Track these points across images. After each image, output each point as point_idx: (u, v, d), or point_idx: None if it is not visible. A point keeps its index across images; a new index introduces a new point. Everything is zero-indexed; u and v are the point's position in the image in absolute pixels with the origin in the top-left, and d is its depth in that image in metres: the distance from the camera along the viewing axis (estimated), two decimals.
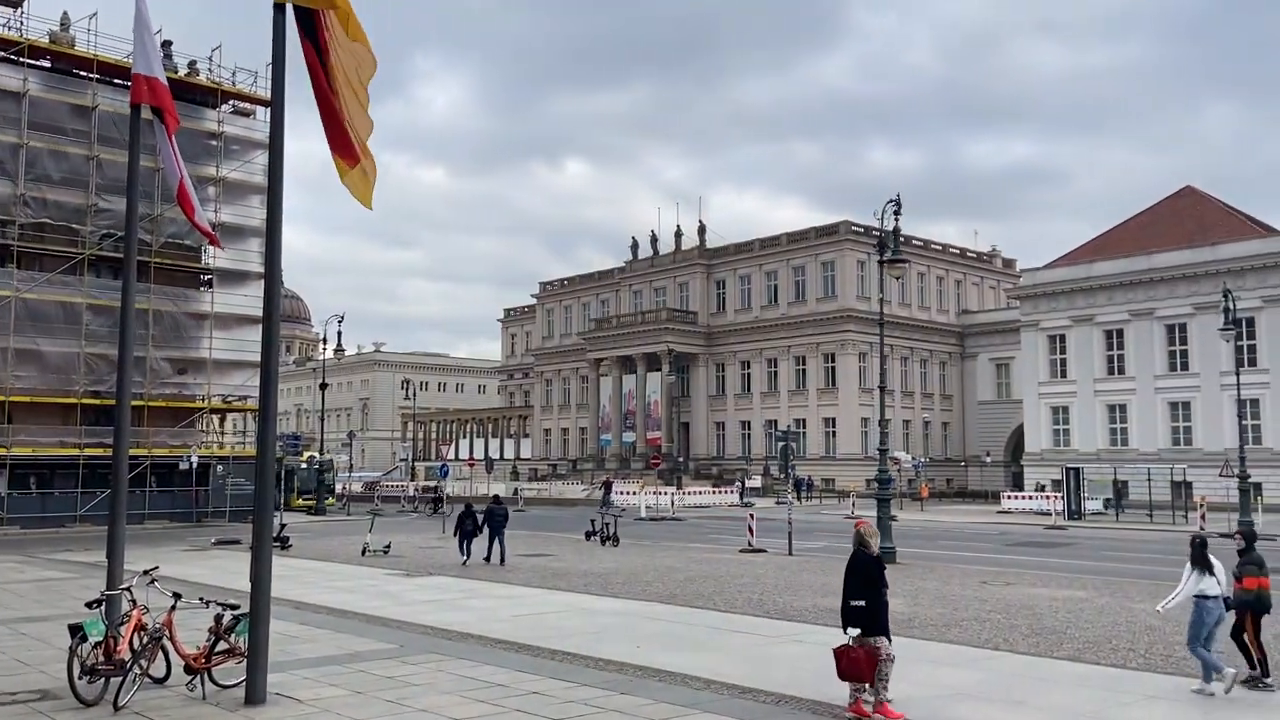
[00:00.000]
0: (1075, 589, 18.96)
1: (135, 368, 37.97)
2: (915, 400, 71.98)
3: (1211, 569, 9.98)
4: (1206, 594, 9.88)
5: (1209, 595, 9.88)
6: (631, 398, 79.18)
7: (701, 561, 24.17)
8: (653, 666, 11.03)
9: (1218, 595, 9.88)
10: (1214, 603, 9.87)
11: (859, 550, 9.27)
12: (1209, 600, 9.88)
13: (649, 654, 11.81)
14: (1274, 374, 49.30)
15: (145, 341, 38.91)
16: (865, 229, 69.83)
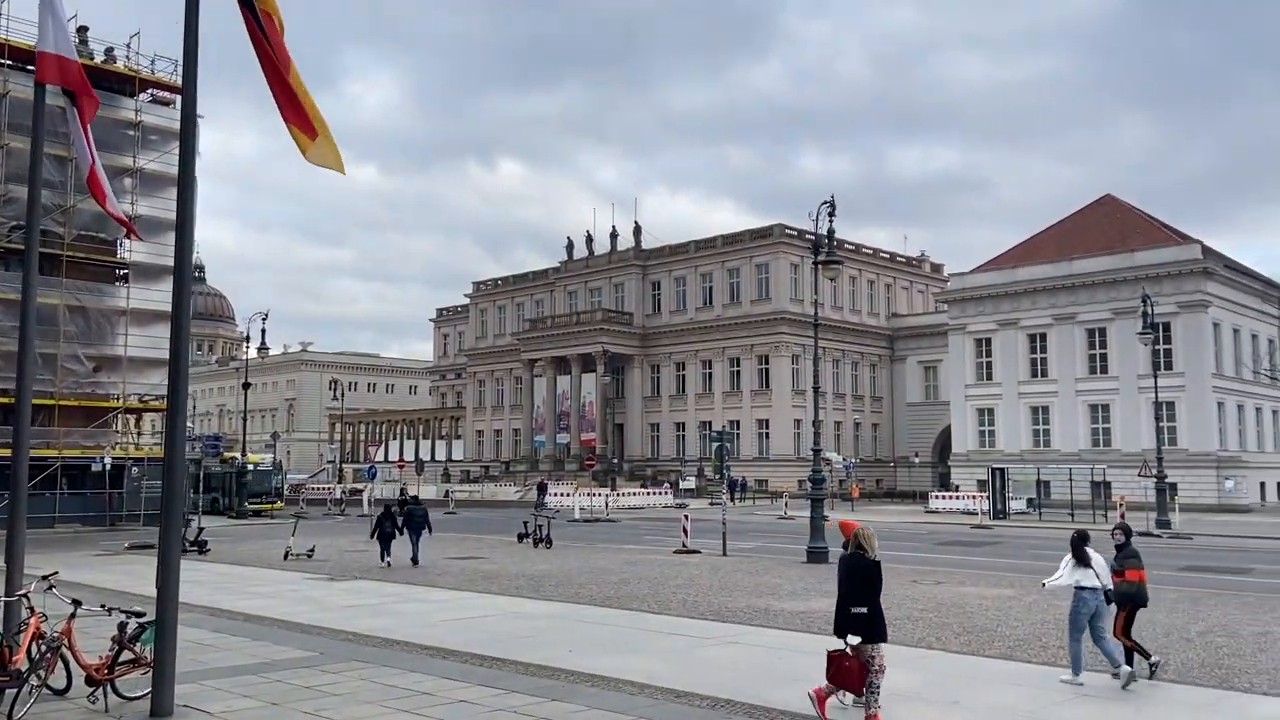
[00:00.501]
0: (1003, 587, 19.16)
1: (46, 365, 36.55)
2: (846, 402, 72.84)
3: (1089, 563, 10.27)
4: (1084, 586, 10.19)
5: (1085, 587, 10.18)
6: (566, 399, 78.68)
7: (636, 563, 23.92)
8: (586, 671, 10.73)
9: (1095, 588, 10.17)
10: (1090, 594, 10.16)
11: (857, 553, 8.75)
12: (1085, 592, 10.18)
13: (582, 658, 11.50)
14: (1189, 378, 50.94)
15: (57, 338, 37.30)
16: (799, 232, 70.56)
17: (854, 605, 8.54)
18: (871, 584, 8.63)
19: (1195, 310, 51.33)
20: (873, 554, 8.73)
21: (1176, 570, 23.17)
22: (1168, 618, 15.11)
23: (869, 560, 8.68)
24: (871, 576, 8.66)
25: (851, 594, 8.59)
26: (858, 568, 8.67)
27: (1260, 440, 56.54)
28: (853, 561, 8.74)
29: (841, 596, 8.71)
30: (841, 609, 8.68)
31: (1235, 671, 10.99)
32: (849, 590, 8.63)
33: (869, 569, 8.66)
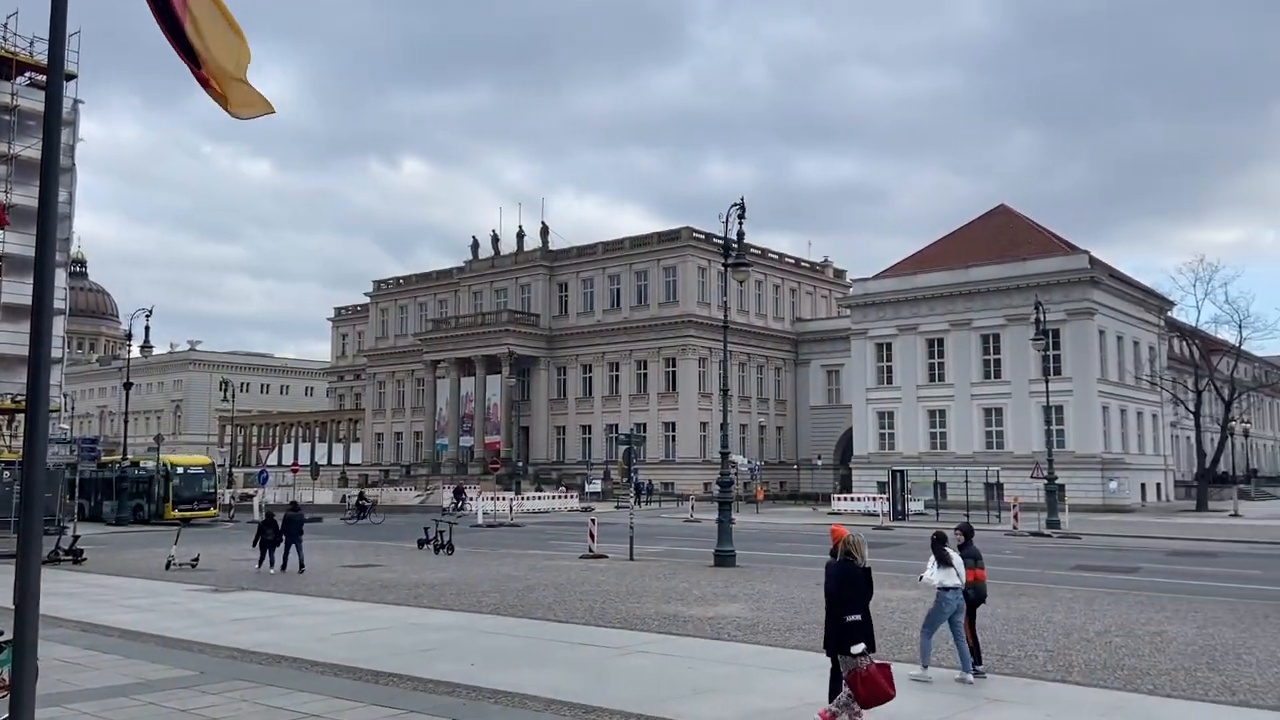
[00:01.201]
0: (906, 589, 19.26)
1: None
2: (751, 405, 73.48)
3: (950, 562, 10.54)
4: (946, 585, 10.47)
5: (949, 587, 10.48)
6: (470, 401, 77.34)
7: (541, 569, 23.38)
8: (489, 687, 10.20)
9: (956, 587, 10.49)
10: (953, 594, 10.50)
11: (846, 560, 8.47)
12: (948, 592, 10.49)
13: (485, 672, 10.96)
14: (1076, 382, 52.89)
15: None
16: (707, 235, 70.88)
17: (848, 613, 8.26)
18: (863, 592, 8.42)
19: (1082, 318, 53.36)
20: (862, 561, 8.50)
21: (1069, 570, 23.83)
22: (1065, 618, 15.37)
23: (859, 568, 8.46)
24: (861, 584, 8.44)
25: (844, 602, 8.32)
26: (848, 575, 8.43)
27: (1140, 443, 59.11)
28: (843, 569, 8.48)
29: (833, 607, 8.40)
30: (835, 619, 8.35)
31: (1137, 672, 11.12)
32: (841, 599, 8.34)
33: (859, 576, 8.43)
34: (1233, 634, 13.76)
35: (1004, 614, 15.78)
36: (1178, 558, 26.82)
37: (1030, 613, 16.00)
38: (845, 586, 8.38)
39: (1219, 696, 9.87)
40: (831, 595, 8.47)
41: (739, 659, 11.94)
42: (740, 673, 11.09)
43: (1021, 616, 15.61)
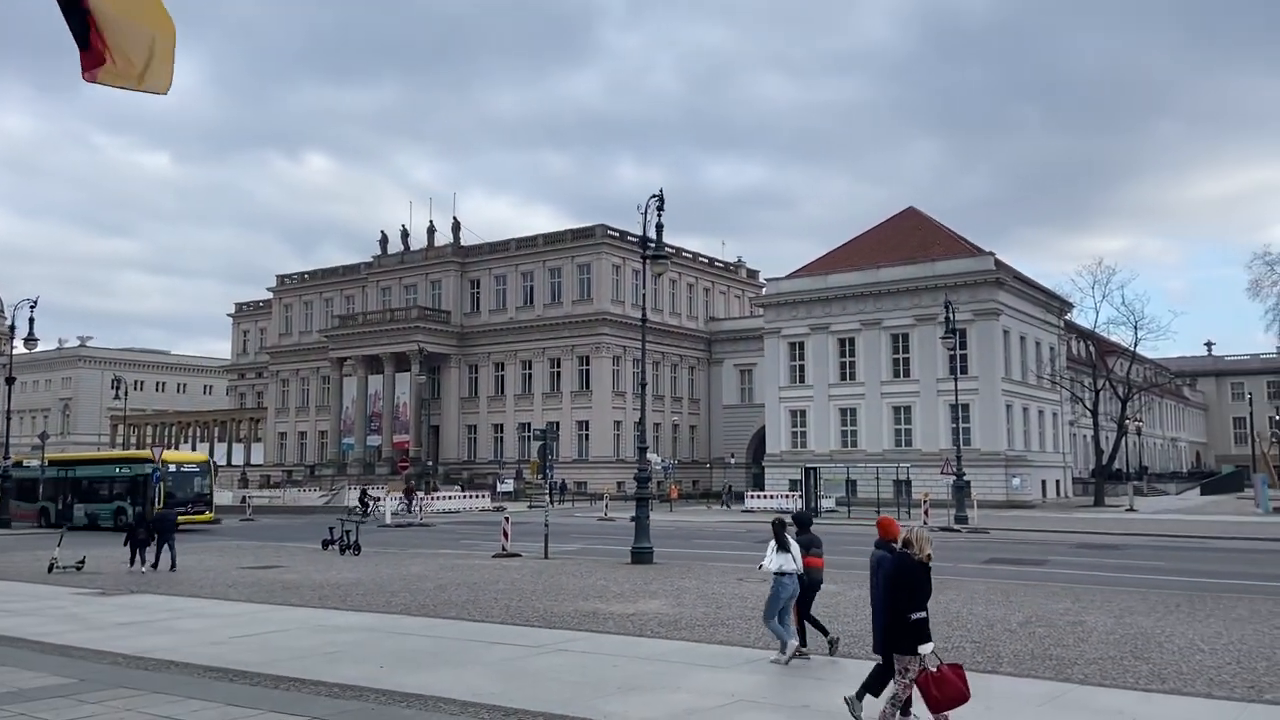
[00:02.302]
0: (828, 583, 19.07)
1: None
2: (665, 404, 73.38)
3: (788, 548, 10.76)
4: (784, 570, 10.68)
5: (785, 572, 10.68)
6: (378, 399, 75.42)
7: (453, 568, 22.56)
8: (400, 690, 9.50)
9: (793, 572, 10.74)
10: (790, 579, 10.74)
11: (904, 554, 7.78)
12: (785, 577, 10.71)
13: (395, 674, 10.25)
14: (982, 381, 54.15)
15: None
16: (622, 233, 70.61)
17: (912, 610, 7.58)
18: (925, 587, 7.77)
19: (988, 318, 54.68)
20: (921, 555, 7.83)
21: (982, 563, 24.11)
22: (986, 609, 15.35)
23: (919, 561, 7.78)
24: (924, 579, 7.78)
25: (906, 599, 7.61)
26: (908, 570, 7.71)
27: (1041, 441, 60.92)
28: (903, 563, 7.77)
29: (892, 604, 7.70)
30: (896, 617, 7.64)
31: (1065, 662, 11.03)
32: (901, 595, 7.62)
33: (920, 570, 7.75)
34: (1149, 622, 13.88)
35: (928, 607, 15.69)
36: (1085, 550, 27.45)
37: (952, 605, 15.94)
38: (906, 582, 7.68)
39: (1150, 684, 9.80)
40: (890, 592, 7.76)
41: (664, 655, 11.48)
42: (666, 670, 10.62)
43: (944, 609, 15.51)
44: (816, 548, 11.36)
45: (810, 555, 11.16)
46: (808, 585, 11.15)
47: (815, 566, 11.21)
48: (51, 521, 39.55)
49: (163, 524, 22.82)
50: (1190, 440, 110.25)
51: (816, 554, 11.30)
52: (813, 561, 11.16)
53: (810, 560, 11.14)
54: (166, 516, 23.25)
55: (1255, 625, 13.66)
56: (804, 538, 11.31)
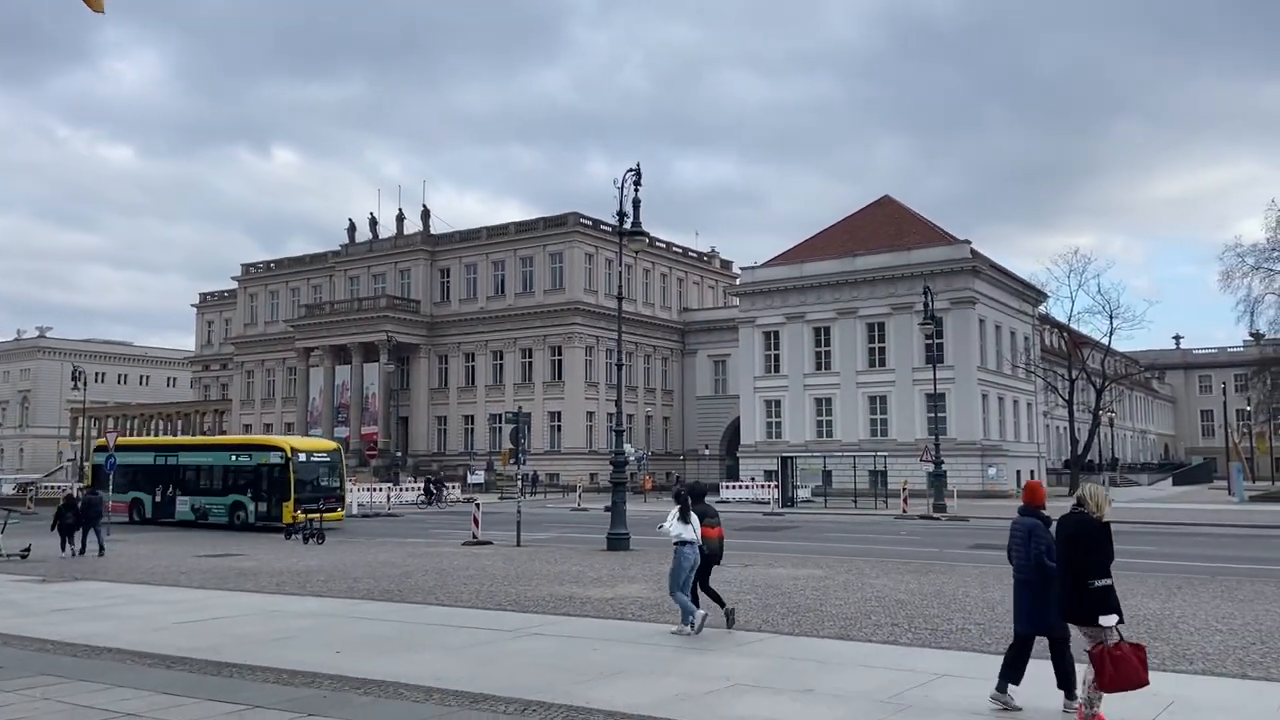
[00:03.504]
0: (811, 568, 18.43)
1: None
2: (639, 395, 72.48)
3: (690, 518, 10.85)
4: (684, 539, 10.73)
5: (686, 541, 10.74)
6: (346, 390, 73.90)
7: (421, 555, 21.57)
8: (357, 676, 8.55)
9: (693, 542, 10.80)
10: (690, 549, 10.80)
11: (1081, 514, 6.88)
12: (687, 547, 10.76)
13: (352, 660, 9.29)
14: (958, 370, 53.71)
15: None
16: (594, 222, 69.59)
17: (1094, 577, 6.68)
18: (1107, 550, 6.84)
19: (964, 306, 54.25)
20: (1100, 514, 6.92)
21: (968, 548, 23.50)
22: (983, 591, 14.69)
23: (1098, 522, 6.86)
24: (1105, 541, 6.84)
25: (1086, 564, 6.69)
26: (1086, 532, 6.80)
27: (1016, 430, 60.66)
28: (1079, 524, 6.84)
29: (1069, 570, 6.78)
30: (1078, 584, 6.71)
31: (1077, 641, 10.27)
32: (1080, 559, 6.71)
33: (1100, 532, 6.82)
34: (1155, 604, 13.24)
35: (916, 589, 14.99)
36: None
37: (946, 587, 15.23)
38: (1083, 545, 6.76)
39: (1178, 665, 9.07)
40: (1063, 556, 6.87)
41: (648, 638, 10.61)
42: (651, 653, 9.75)
43: (938, 591, 14.81)
44: (711, 518, 11.38)
45: (706, 525, 11.17)
46: (705, 555, 11.16)
47: (711, 536, 11.24)
48: (146, 516, 33.80)
49: (89, 510, 22.49)
50: (1159, 433, 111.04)
51: (712, 524, 11.31)
52: (709, 531, 11.19)
53: (707, 530, 11.15)
54: (91, 502, 22.85)
55: (1265, 605, 13.04)
56: (699, 508, 11.31)
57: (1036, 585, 7.29)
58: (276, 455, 32.01)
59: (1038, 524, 7.39)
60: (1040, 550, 7.23)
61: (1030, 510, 7.53)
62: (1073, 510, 6.98)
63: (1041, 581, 7.23)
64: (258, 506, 31.65)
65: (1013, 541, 7.54)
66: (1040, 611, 7.25)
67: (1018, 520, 7.54)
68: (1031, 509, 7.53)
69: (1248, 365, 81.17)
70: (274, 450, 32.52)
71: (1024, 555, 7.36)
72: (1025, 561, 7.36)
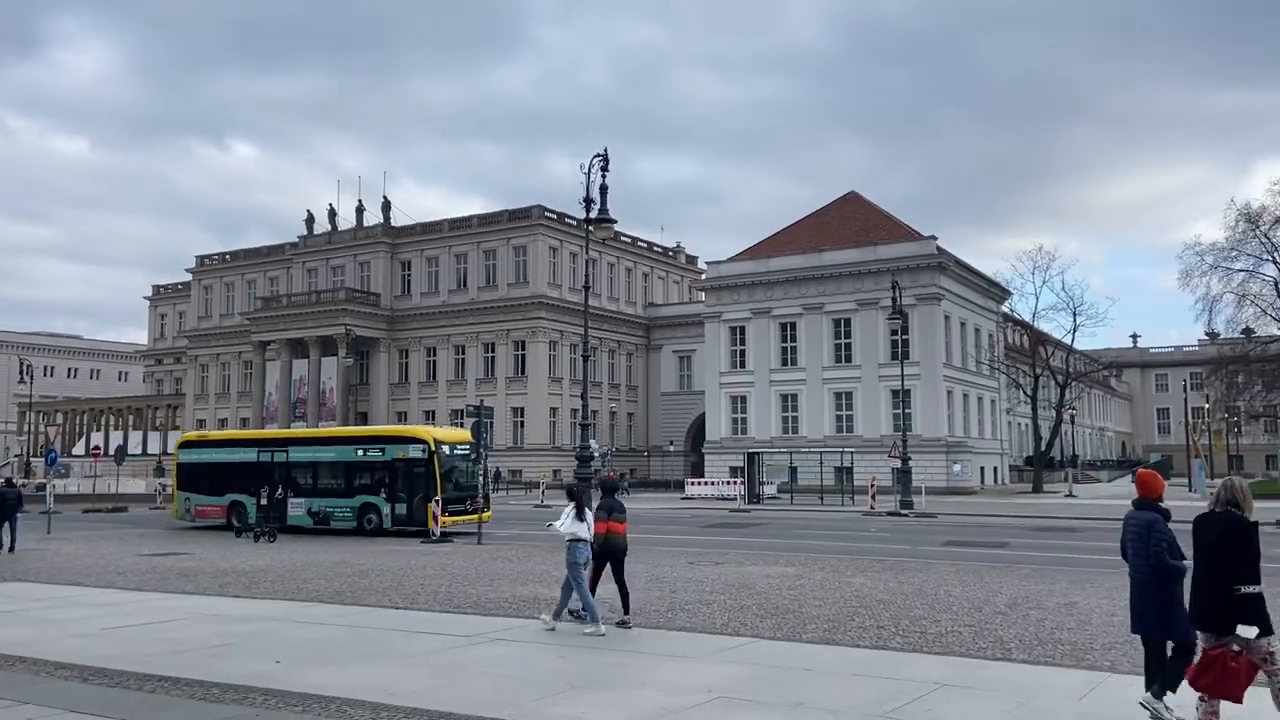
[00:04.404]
0: (783, 565, 17.78)
1: None
2: (603, 391, 71.62)
3: (584, 515, 10.79)
4: (578, 536, 10.68)
5: (580, 538, 10.68)
6: (303, 384, 72.23)
7: (378, 554, 20.62)
8: (298, 690, 7.68)
9: (587, 539, 10.73)
10: (582, 545, 10.70)
11: (1229, 513, 6.14)
12: (578, 543, 10.68)
13: (294, 671, 8.42)
14: (923, 367, 53.47)
15: None
16: (559, 215, 68.66)
17: (1243, 583, 5.91)
18: (1254, 553, 6.06)
19: (930, 303, 54.04)
20: (1249, 512, 6.21)
21: (940, 546, 22.99)
22: (964, 590, 14.09)
23: (1245, 520, 6.13)
24: (1255, 542, 6.09)
25: (1228, 569, 5.96)
26: (1235, 533, 6.07)
27: (980, 427, 60.67)
28: (1229, 525, 6.09)
29: (1210, 573, 6.07)
30: (1220, 589, 5.98)
31: (1079, 647, 9.71)
32: (1224, 562, 5.98)
33: (1248, 533, 6.08)
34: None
35: (896, 588, 14.38)
36: (1042, 533, 26.52)
37: (926, 586, 14.63)
38: (1233, 547, 6.03)
39: None
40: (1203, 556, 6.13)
41: (619, 644, 9.83)
42: (624, 661, 8.98)
43: (918, 589, 14.20)
44: (619, 513, 11.18)
45: (613, 520, 11.06)
46: (615, 550, 11.04)
47: (618, 532, 11.07)
48: (248, 522, 27.45)
49: (3, 503, 22.00)
50: (1117, 430, 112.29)
51: (619, 519, 11.15)
52: (615, 526, 11.05)
53: (614, 525, 11.04)
54: (6, 496, 22.30)
55: None
56: (608, 501, 11.24)
57: (1157, 586, 6.63)
58: (418, 448, 26.90)
59: (1157, 519, 6.72)
60: (1160, 548, 6.54)
61: (1147, 503, 6.87)
62: (1217, 508, 6.27)
63: (1163, 582, 6.58)
64: (394, 508, 26.67)
65: (1127, 537, 6.91)
66: (1166, 614, 6.58)
67: (1133, 514, 6.91)
68: (1148, 502, 6.88)
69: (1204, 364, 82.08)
70: (414, 442, 27.24)
71: (1141, 553, 6.70)
72: (1144, 561, 6.69)
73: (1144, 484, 6.93)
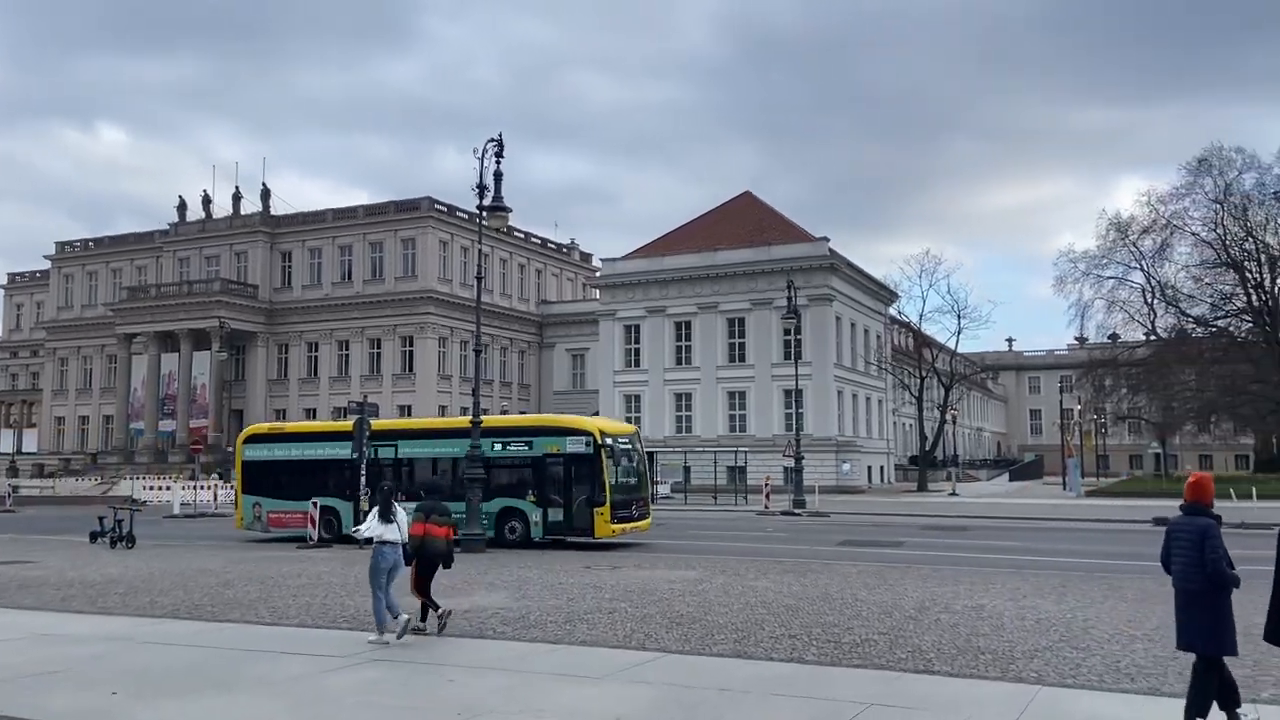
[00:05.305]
0: (684, 569, 17.10)
1: None
2: (494, 389, 70.00)
3: (392, 517, 10.27)
4: (385, 540, 10.16)
5: (386, 541, 10.16)
6: (173, 380, 68.36)
7: (247, 561, 19.07)
8: None
9: (395, 542, 10.20)
10: (390, 549, 10.15)
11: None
12: (385, 546, 10.14)
13: (131, 704, 7.22)
14: (815, 367, 53.94)
15: None
16: (450, 208, 66.91)
17: None
18: None
19: (822, 304, 54.57)
20: None
21: (837, 545, 22.78)
22: (870, 594, 13.64)
23: None
24: None
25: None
26: None
27: (869, 427, 61.69)
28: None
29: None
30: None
31: (1001, 655, 9.24)
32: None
33: None
34: (1051, 606, 12.47)
35: (801, 592, 13.84)
36: (934, 531, 26.67)
37: (831, 588, 14.15)
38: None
39: (1118, 683, 8.06)
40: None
41: (514, 663, 8.91)
42: (520, 684, 8.05)
43: (823, 592, 13.70)
44: (440, 515, 10.74)
45: (432, 522, 10.58)
46: (432, 555, 10.57)
47: (439, 536, 10.60)
48: (342, 532, 23.07)
49: None
50: (993, 430, 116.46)
51: (439, 522, 10.67)
52: (435, 530, 10.57)
53: (432, 528, 10.55)
54: None
55: (1160, 606, 12.41)
56: (428, 502, 10.88)
57: (1210, 596, 6.22)
58: (580, 442, 22.22)
59: (1211, 524, 6.29)
60: (1217, 555, 6.10)
61: (1198, 509, 6.42)
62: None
63: (1214, 591, 6.19)
64: (547, 514, 22.12)
65: (1174, 545, 6.42)
66: (1218, 627, 6.20)
67: (1184, 520, 6.44)
68: (1200, 507, 6.42)
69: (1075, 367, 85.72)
70: (574, 434, 22.54)
71: (1194, 562, 6.24)
72: (1196, 570, 6.24)
73: (1197, 489, 6.49)
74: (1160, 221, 52.82)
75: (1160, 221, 52.82)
